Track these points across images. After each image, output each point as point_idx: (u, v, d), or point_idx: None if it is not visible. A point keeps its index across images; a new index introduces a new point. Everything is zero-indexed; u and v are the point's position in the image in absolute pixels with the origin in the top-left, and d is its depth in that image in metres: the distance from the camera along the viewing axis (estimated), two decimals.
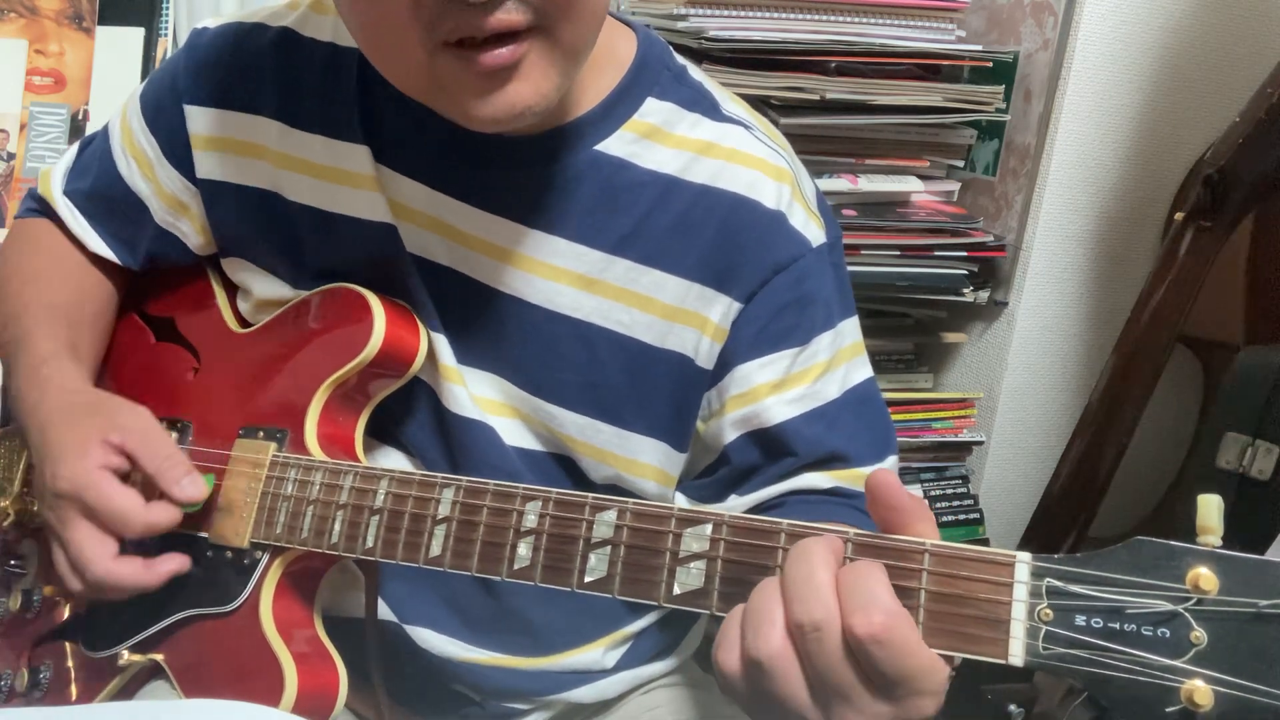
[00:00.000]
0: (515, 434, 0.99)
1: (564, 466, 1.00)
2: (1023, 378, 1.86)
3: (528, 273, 0.95)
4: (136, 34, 1.76)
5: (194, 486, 0.93)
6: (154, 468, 0.93)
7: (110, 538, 0.92)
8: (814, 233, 0.96)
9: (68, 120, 1.73)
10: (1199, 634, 0.57)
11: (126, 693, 1.00)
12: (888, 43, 1.66)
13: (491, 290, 0.96)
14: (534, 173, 0.94)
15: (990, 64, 1.77)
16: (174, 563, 0.94)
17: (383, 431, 1.02)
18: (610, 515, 0.75)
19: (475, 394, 0.98)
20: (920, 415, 1.81)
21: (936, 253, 1.73)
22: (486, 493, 0.81)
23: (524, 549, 0.78)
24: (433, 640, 1.02)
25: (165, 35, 1.78)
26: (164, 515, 0.92)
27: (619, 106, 0.95)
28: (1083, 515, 1.64)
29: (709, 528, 0.71)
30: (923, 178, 1.75)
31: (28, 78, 1.72)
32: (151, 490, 0.94)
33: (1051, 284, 1.83)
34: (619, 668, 1.08)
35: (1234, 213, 1.59)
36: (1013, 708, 1.49)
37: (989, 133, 1.83)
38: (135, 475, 0.95)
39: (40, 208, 1.15)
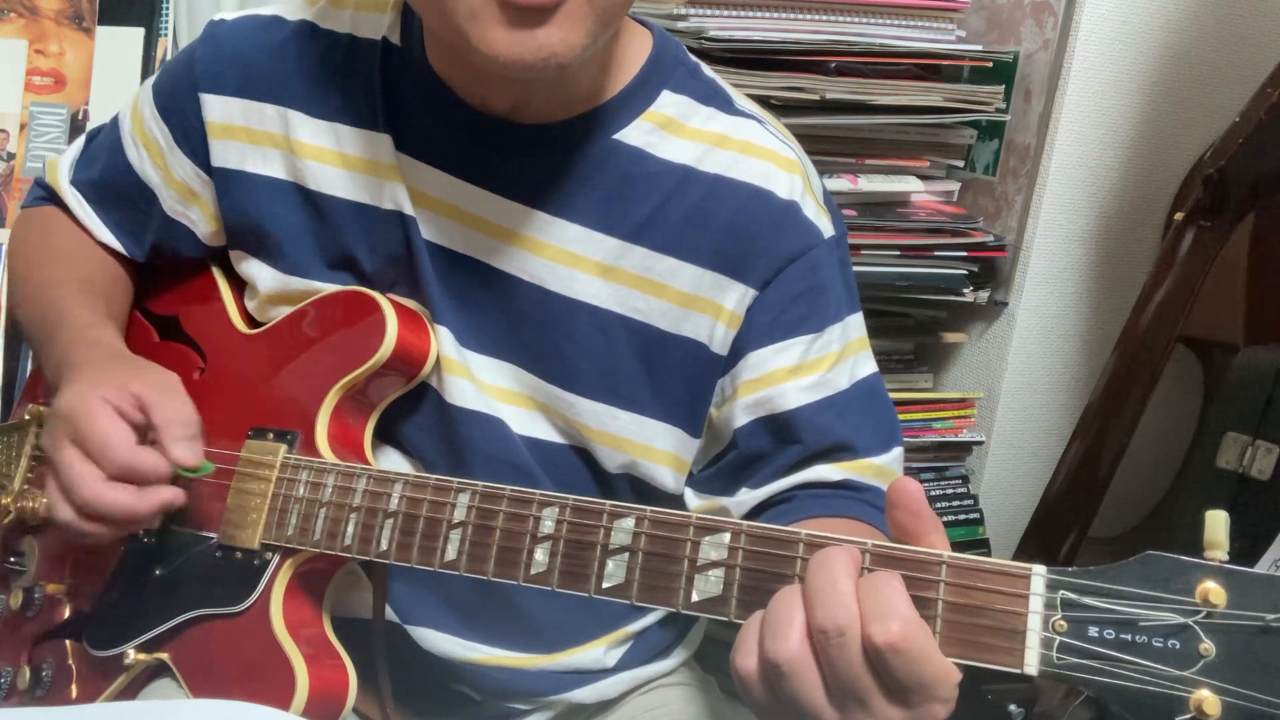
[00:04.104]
0: (528, 423, 1.00)
1: (579, 456, 1.01)
2: (1023, 378, 1.87)
3: (546, 259, 0.96)
4: (136, 34, 1.75)
5: (191, 452, 0.93)
6: (161, 421, 0.93)
7: (97, 466, 0.91)
8: (824, 224, 0.98)
9: (68, 120, 1.72)
10: (1208, 646, 0.58)
11: (130, 692, 1.00)
12: (888, 43, 1.66)
13: (508, 277, 0.97)
14: (553, 160, 0.96)
15: (990, 64, 1.77)
16: (167, 493, 0.93)
17: (379, 431, 1.02)
18: (628, 522, 0.76)
19: (487, 383, 0.99)
20: (920, 415, 1.81)
21: (936, 253, 1.73)
22: (503, 498, 0.82)
23: (541, 554, 0.79)
24: (434, 640, 1.03)
25: (165, 35, 1.77)
26: (150, 460, 0.92)
27: (637, 98, 0.97)
28: (1083, 515, 1.64)
29: (727, 536, 0.72)
30: (923, 178, 1.75)
31: (28, 78, 1.71)
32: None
33: (1051, 284, 1.83)
34: (619, 667, 1.09)
35: (1234, 213, 1.59)
36: (1013, 708, 1.50)
37: (989, 133, 1.83)
38: (149, 437, 0.94)
39: (47, 195, 1.16)
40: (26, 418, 1.12)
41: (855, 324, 1.00)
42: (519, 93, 0.93)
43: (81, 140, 1.17)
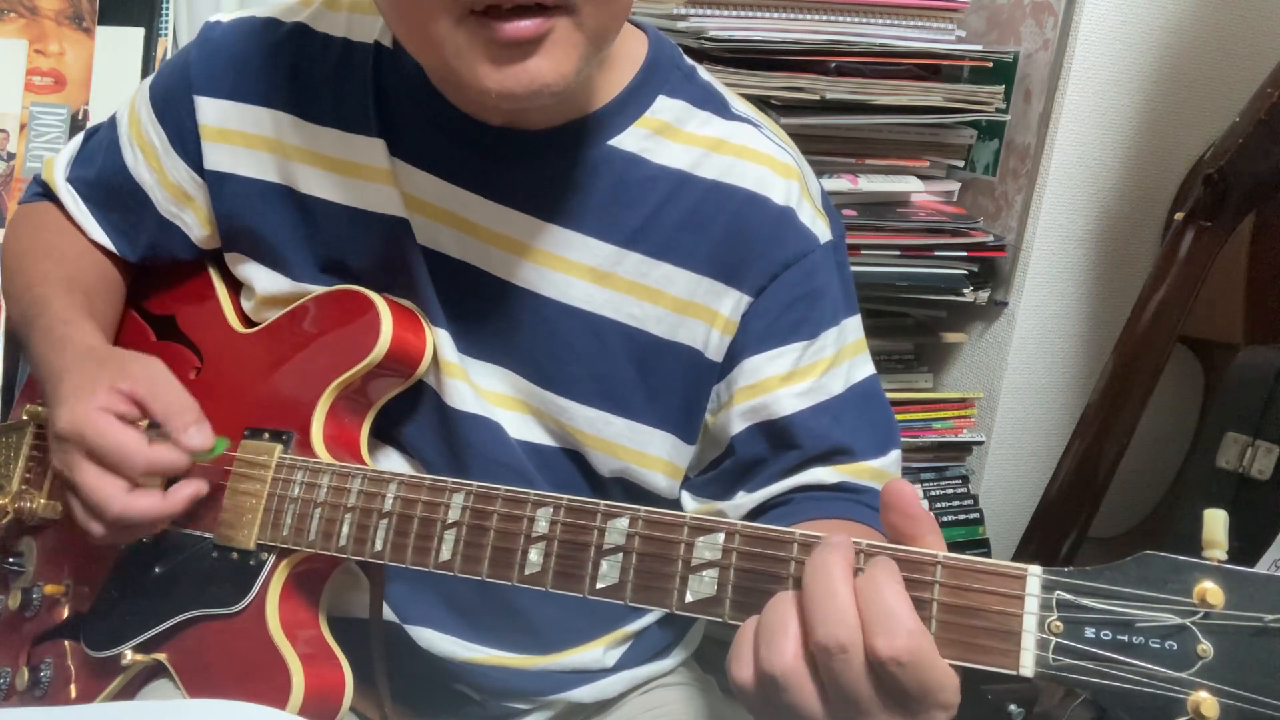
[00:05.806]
0: (522, 428, 1.00)
1: (572, 460, 1.01)
2: (1023, 378, 1.86)
3: (540, 265, 0.96)
4: (136, 34, 1.75)
5: (200, 435, 0.94)
6: (162, 413, 0.93)
7: (119, 477, 0.91)
8: (821, 229, 0.97)
9: (68, 120, 1.72)
10: (1205, 647, 0.58)
11: (128, 692, 1.00)
12: (888, 43, 1.66)
13: (503, 283, 0.97)
14: (548, 166, 0.95)
15: (990, 64, 1.77)
16: (191, 487, 0.94)
17: (379, 431, 1.02)
18: (622, 523, 0.75)
19: (482, 387, 0.99)
20: (920, 415, 1.80)
21: (936, 253, 1.73)
22: (497, 498, 0.81)
23: (535, 555, 0.79)
24: (434, 640, 1.02)
25: (165, 35, 1.77)
26: (168, 455, 0.92)
27: (632, 103, 0.96)
28: (1083, 515, 1.64)
29: (721, 536, 0.72)
30: (923, 178, 1.75)
31: (28, 78, 1.71)
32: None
33: (1051, 284, 1.83)
34: (619, 667, 1.08)
35: (1234, 213, 1.58)
36: (1013, 707, 1.50)
37: (989, 133, 1.82)
38: (151, 430, 0.94)
39: (44, 193, 1.16)
40: (25, 418, 1.12)
41: (852, 327, 1.00)
42: None
43: (79, 137, 1.17)
